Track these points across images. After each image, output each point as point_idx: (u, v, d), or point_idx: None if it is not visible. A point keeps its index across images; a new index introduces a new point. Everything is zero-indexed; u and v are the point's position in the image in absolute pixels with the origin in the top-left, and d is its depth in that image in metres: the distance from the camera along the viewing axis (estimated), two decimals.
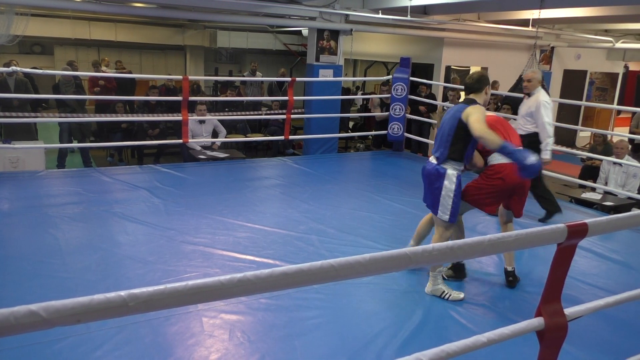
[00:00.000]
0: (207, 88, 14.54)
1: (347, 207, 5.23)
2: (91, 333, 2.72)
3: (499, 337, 1.75)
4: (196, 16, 8.34)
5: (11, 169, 6.34)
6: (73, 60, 10.22)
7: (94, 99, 9.56)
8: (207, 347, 2.71)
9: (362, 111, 11.02)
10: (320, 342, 2.83)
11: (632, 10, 7.49)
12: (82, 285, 3.32)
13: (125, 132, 8.37)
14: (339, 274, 1.35)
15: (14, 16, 6.68)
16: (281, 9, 7.66)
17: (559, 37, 11.34)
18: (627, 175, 5.99)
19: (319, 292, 3.33)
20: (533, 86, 4.99)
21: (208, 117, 7.38)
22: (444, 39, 9.95)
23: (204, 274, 3.55)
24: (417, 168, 5.18)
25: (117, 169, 6.51)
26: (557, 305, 1.84)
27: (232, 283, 1.23)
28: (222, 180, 6.06)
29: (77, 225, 4.36)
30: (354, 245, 4.22)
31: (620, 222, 1.96)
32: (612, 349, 2.91)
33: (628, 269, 4.22)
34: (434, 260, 1.54)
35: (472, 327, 3.04)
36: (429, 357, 1.57)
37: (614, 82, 13.43)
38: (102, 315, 1.11)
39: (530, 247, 1.75)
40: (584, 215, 5.49)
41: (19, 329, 1.02)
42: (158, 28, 14.31)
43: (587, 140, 12.77)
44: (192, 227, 4.43)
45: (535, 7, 7.02)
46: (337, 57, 8.47)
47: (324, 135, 8.26)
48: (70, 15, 12.29)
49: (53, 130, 8.84)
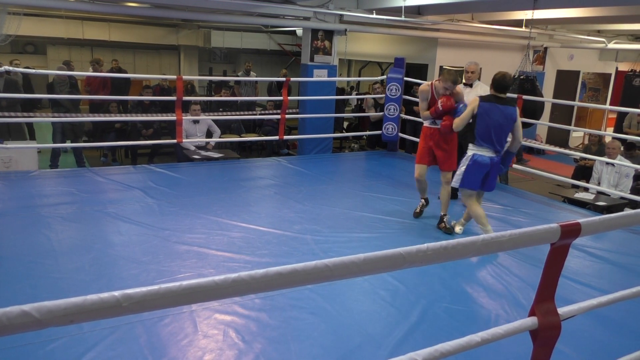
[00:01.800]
0: (201, 88, 14.51)
1: (342, 207, 5.24)
2: (84, 334, 2.71)
3: (492, 337, 1.76)
4: (190, 16, 8.31)
5: (4, 169, 6.30)
6: (69, 60, 10.18)
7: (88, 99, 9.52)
8: (201, 347, 2.70)
9: (356, 111, 11.03)
10: (314, 342, 2.83)
11: (624, 11, 7.54)
12: (75, 285, 3.30)
13: (119, 132, 8.34)
14: (333, 274, 1.36)
15: (6, 15, 6.65)
16: (275, 9, 7.66)
17: (552, 38, 11.40)
18: (620, 175, 6.03)
19: (313, 292, 3.33)
20: (475, 77, 5.56)
21: (202, 117, 7.36)
22: (438, 39, 9.98)
23: (198, 274, 3.54)
24: (411, 168, 5.20)
25: (110, 169, 6.48)
26: (550, 305, 1.85)
27: (227, 283, 1.23)
28: (217, 180, 6.05)
29: (70, 225, 4.34)
30: (348, 246, 4.22)
31: (613, 222, 1.97)
32: (605, 349, 2.93)
33: (621, 269, 4.25)
34: (427, 261, 1.54)
35: (465, 327, 3.05)
36: (423, 356, 1.58)
37: (607, 82, 13.51)
38: (96, 315, 1.10)
39: (523, 246, 1.76)
40: (577, 215, 5.53)
41: (12, 329, 1.01)
42: (152, 28, 14.26)
43: (580, 141, 12.85)
44: (186, 227, 4.42)
45: (528, 7, 7.05)
46: (331, 57, 8.48)
47: (319, 135, 8.27)
48: (64, 14, 12.23)
49: (46, 130, 8.79)
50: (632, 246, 4.76)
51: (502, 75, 4.19)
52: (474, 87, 5.51)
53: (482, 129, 4.19)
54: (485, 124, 4.16)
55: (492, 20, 9.48)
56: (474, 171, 4.26)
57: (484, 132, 4.19)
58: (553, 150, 7.63)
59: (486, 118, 4.15)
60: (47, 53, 14.28)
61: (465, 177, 4.30)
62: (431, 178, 5.10)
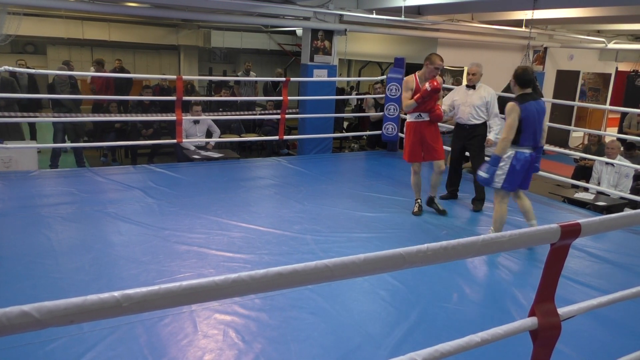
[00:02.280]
0: (201, 88, 14.51)
1: (342, 207, 5.24)
2: (84, 334, 2.71)
3: (492, 337, 1.76)
4: (190, 16, 8.31)
5: (4, 169, 6.30)
6: (68, 60, 10.17)
7: (88, 99, 9.53)
8: (201, 347, 2.70)
9: (356, 111, 11.03)
10: (314, 342, 2.83)
11: (624, 11, 7.54)
12: (75, 285, 3.30)
13: (119, 132, 8.33)
14: (333, 274, 1.35)
15: (6, 15, 6.64)
16: (275, 9, 7.66)
17: (552, 38, 11.40)
18: (620, 175, 6.03)
19: (313, 292, 3.33)
20: (477, 79, 5.45)
21: (202, 117, 7.36)
22: (438, 39, 9.97)
23: (198, 274, 3.54)
24: (408, 167, 5.21)
25: (110, 169, 6.48)
26: (550, 305, 1.85)
27: (227, 283, 1.23)
28: (216, 180, 6.05)
29: (70, 225, 4.34)
30: (348, 246, 4.22)
31: (613, 222, 1.97)
32: (605, 349, 2.93)
33: (621, 269, 4.24)
34: (427, 261, 1.54)
35: (465, 327, 3.05)
36: (423, 356, 1.58)
37: (607, 82, 13.51)
38: (96, 315, 1.10)
39: (523, 247, 1.76)
40: (577, 215, 5.53)
41: (12, 329, 1.01)
42: (152, 28, 14.25)
43: (580, 141, 12.85)
44: (186, 227, 4.42)
45: (528, 7, 7.05)
46: (331, 57, 8.47)
47: (319, 135, 8.26)
48: (64, 14, 12.22)
49: (47, 130, 8.79)
50: (632, 246, 4.76)
51: (523, 70, 4.08)
52: (477, 88, 5.46)
53: (529, 131, 4.03)
54: (530, 124, 4.02)
55: (492, 20, 9.48)
56: (517, 171, 4.09)
57: (530, 133, 4.04)
58: (553, 150, 7.62)
59: (531, 119, 4.01)
60: (47, 53, 14.28)
61: (508, 177, 4.10)
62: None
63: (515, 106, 4.00)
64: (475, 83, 5.47)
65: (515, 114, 3.97)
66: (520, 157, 4.06)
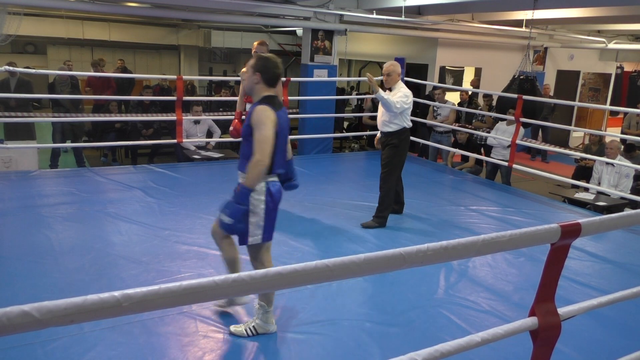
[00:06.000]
0: (201, 88, 14.51)
1: (342, 207, 5.23)
2: (84, 333, 2.71)
3: (492, 337, 1.75)
4: (190, 16, 8.31)
5: (4, 169, 6.30)
6: (69, 60, 10.17)
7: (88, 99, 9.52)
8: (201, 347, 2.70)
9: (356, 111, 11.03)
10: (314, 342, 2.83)
11: (624, 11, 7.54)
12: (75, 285, 3.31)
13: (119, 132, 8.33)
14: (333, 274, 1.35)
15: (6, 15, 6.65)
16: (275, 8, 7.66)
17: (552, 38, 11.39)
18: (620, 175, 6.02)
19: (313, 292, 3.33)
20: (393, 80, 4.63)
21: (203, 117, 7.36)
22: (438, 39, 9.97)
23: (198, 274, 3.54)
24: (411, 168, 5.20)
25: (110, 169, 6.48)
26: (550, 305, 1.85)
27: (227, 283, 1.23)
28: (217, 180, 6.05)
29: (70, 225, 4.34)
30: (348, 245, 4.22)
31: (613, 222, 1.97)
32: (605, 349, 2.93)
33: (621, 269, 4.24)
34: (427, 261, 1.54)
35: (465, 327, 3.05)
36: (423, 356, 1.58)
37: (607, 82, 13.51)
38: (96, 315, 1.10)
39: (523, 247, 1.76)
40: (577, 215, 5.52)
41: (12, 329, 1.01)
42: (152, 28, 14.25)
43: (580, 141, 12.83)
44: (187, 227, 4.42)
45: (528, 7, 7.04)
46: (331, 57, 8.47)
47: (319, 135, 8.26)
48: (64, 14, 12.21)
49: (46, 130, 8.79)
50: (632, 246, 4.76)
51: (267, 60, 2.77)
52: (393, 91, 4.64)
53: (280, 153, 2.88)
54: (282, 143, 2.90)
55: (492, 20, 9.48)
56: (272, 210, 2.99)
57: (281, 156, 2.92)
58: (553, 150, 7.62)
59: (282, 135, 2.85)
60: (47, 53, 14.28)
61: (267, 224, 2.96)
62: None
63: (270, 111, 2.68)
64: (392, 85, 4.63)
65: (271, 124, 2.68)
66: (273, 191, 2.86)
